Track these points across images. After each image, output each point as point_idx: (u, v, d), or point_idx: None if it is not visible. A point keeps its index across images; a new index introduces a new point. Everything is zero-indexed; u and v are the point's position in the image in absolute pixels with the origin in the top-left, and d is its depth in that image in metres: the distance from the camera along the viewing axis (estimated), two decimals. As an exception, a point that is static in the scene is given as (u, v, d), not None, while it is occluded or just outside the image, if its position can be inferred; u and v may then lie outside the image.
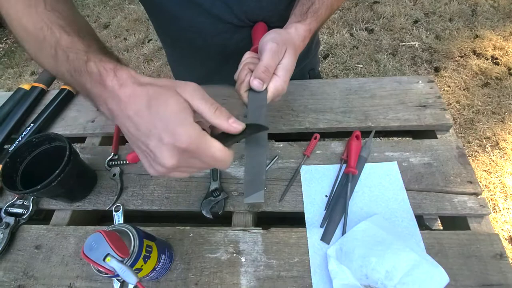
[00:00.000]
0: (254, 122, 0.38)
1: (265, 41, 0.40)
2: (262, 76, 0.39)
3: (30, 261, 0.50)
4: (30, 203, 0.55)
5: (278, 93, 0.41)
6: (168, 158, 0.29)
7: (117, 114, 0.30)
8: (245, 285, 0.45)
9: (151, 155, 0.30)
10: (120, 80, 0.30)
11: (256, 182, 0.35)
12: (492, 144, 1.46)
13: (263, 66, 0.39)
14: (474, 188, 0.51)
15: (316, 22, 0.46)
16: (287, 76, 0.41)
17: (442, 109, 0.60)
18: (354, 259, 0.44)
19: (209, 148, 0.29)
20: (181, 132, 0.28)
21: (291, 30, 0.44)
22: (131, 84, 0.30)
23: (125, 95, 0.29)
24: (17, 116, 0.69)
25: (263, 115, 0.39)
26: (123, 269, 0.33)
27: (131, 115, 0.29)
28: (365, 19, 2.09)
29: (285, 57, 0.41)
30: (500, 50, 1.78)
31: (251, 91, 0.41)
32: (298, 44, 0.43)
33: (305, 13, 0.46)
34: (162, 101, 0.29)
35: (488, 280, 0.44)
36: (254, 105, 0.40)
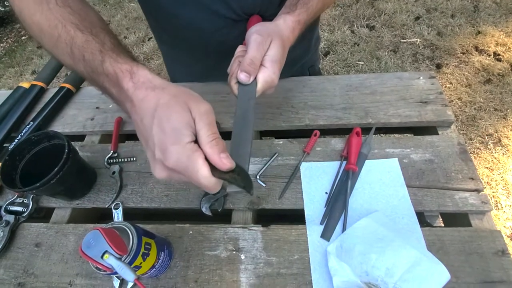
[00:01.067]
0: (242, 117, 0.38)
1: (250, 34, 0.40)
2: (247, 69, 0.39)
3: (30, 259, 0.50)
4: (30, 201, 0.55)
5: (268, 85, 0.41)
6: (159, 171, 0.30)
7: (131, 115, 0.32)
8: (245, 283, 0.45)
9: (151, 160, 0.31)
10: (136, 83, 0.31)
11: None
12: (494, 141, 1.45)
13: (248, 58, 0.39)
14: (476, 184, 0.50)
15: (306, 13, 0.45)
16: (275, 66, 0.40)
17: (444, 105, 0.60)
18: (354, 256, 0.44)
19: (196, 173, 0.29)
20: (171, 152, 0.28)
21: (279, 22, 0.43)
22: (145, 89, 0.30)
23: (138, 98, 0.30)
24: (17, 114, 0.69)
25: (251, 107, 0.39)
26: (121, 266, 0.33)
27: (138, 120, 0.30)
28: (366, 15, 2.07)
29: (271, 48, 0.40)
30: (503, 46, 1.76)
31: (241, 84, 0.41)
32: (287, 35, 0.43)
33: (294, 4, 0.45)
34: (166, 114, 0.29)
35: (489, 277, 0.43)
36: (243, 98, 0.40)
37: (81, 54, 0.33)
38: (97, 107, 0.70)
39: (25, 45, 2.68)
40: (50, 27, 0.34)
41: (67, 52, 0.34)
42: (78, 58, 0.33)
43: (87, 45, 0.33)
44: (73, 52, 0.33)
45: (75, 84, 0.74)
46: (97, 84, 0.34)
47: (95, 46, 0.33)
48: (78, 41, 0.33)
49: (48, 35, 0.35)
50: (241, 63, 0.40)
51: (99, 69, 0.32)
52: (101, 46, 0.33)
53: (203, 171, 0.29)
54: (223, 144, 0.30)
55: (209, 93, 0.68)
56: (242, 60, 0.39)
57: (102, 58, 0.32)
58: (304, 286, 0.44)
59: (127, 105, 0.32)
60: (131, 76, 0.31)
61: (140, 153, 0.61)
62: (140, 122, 0.30)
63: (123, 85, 0.31)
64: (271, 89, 0.42)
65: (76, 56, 0.33)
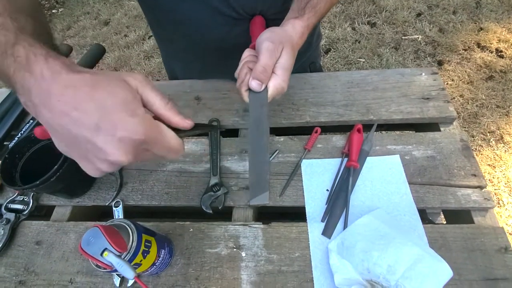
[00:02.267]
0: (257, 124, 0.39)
1: (261, 41, 0.40)
2: (260, 77, 0.39)
3: (31, 257, 0.50)
4: (30, 199, 0.55)
5: (278, 92, 0.41)
6: (122, 154, 0.26)
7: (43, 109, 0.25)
8: (246, 280, 0.45)
9: (97, 154, 0.26)
10: (52, 67, 0.25)
11: (260, 183, 0.35)
12: (497, 138, 1.44)
13: (261, 66, 0.39)
14: (479, 181, 0.50)
15: (314, 17, 0.45)
16: (286, 75, 0.41)
17: (446, 101, 0.59)
18: (356, 253, 0.43)
19: (165, 138, 0.28)
20: (136, 124, 0.26)
21: (287, 27, 0.43)
22: (66, 73, 0.25)
23: (60, 85, 0.25)
24: (17, 112, 0.69)
25: (264, 114, 0.40)
26: (121, 263, 0.33)
27: (68, 110, 0.25)
28: (367, 12, 2.06)
29: (282, 56, 0.40)
30: (505, 42, 1.75)
31: (252, 91, 0.41)
32: (296, 41, 0.43)
33: (302, 8, 0.45)
34: (107, 91, 0.26)
35: (492, 274, 0.43)
36: (255, 104, 0.41)
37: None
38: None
39: (25, 44, 2.67)
40: None
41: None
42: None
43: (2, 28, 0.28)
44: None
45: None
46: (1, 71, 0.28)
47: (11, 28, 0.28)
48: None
49: None
50: (253, 70, 0.39)
51: (9, 51, 0.27)
52: (18, 29, 0.29)
53: (171, 133, 0.29)
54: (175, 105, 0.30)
55: (210, 90, 0.68)
56: (254, 67, 0.39)
57: (15, 40, 0.27)
58: (305, 284, 0.44)
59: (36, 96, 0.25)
60: (45, 60, 0.26)
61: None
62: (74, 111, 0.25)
63: (34, 69, 0.25)
64: (279, 95, 0.43)
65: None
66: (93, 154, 0.26)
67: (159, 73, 2.05)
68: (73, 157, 0.28)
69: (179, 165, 0.58)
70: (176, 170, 0.57)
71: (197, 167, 0.57)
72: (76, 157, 0.28)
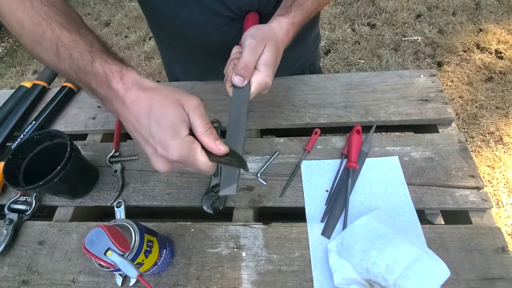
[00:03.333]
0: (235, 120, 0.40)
1: (245, 38, 0.41)
2: (241, 73, 0.40)
3: (33, 256, 0.51)
4: (33, 200, 0.56)
5: (261, 87, 0.42)
6: (162, 165, 0.33)
7: (121, 115, 0.33)
8: (246, 280, 0.46)
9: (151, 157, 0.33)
10: (126, 84, 0.32)
11: (230, 175, 0.37)
12: (496, 139, 1.44)
13: (243, 63, 0.40)
14: (476, 182, 0.50)
15: (301, 15, 0.46)
16: (268, 70, 0.41)
17: (444, 103, 0.60)
18: (355, 253, 0.44)
19: (196, 162, 0.33)
20: (173, 146, 0.31)
21: (273, 24, 0.44)
22: (136, 90, 0.31)
23: (130, 100, 0.31)
24: (19, 114, 0.70)
25: (244, 111, 0.41)
26: (124, 263, 0.33)
27: (133, 120, 0.31)
28: (367, 14, 2.07)
29: (264, 52, 0.41)
30: (505, 44, 1.75)
31: (235, 87, 0.42)
32: (281, 38, 0.43)
33: (289, 6, 0.46)
34: (162, 111, 0.31)
35: (490, 274, 0.43)
36: (237, 101, 0.42)
37: (68, 52, 0.33)
38: (99, 106, 0.70)
39: (26, 45, 2.68)
40: (33, 24, 0.34)
41: (52, 50, 0.34)
42: (64, 56, 0.33)
43: (75, 44, 0.33)
44: (59, 50, 0.33)
45: (77, 83, 0.75)
46: (82, 83, 0.34)
47: (84, 46, 0.33)
48: (65, 40, 0.33)
49: (30, 32, 0.35)
50: (235, 66, 0.40)
51: (88, 69, 0.32)
52: (89, 46, 0.33)
53: (202, 158, 0.33)
54: (215, 132, 0.34)
55: (210, 92, 0.68)
56: (237, 64, 0.40)
57: (91, 58, 0.32)
58: (305, 283, 0.45)
59: (116, 105, 0.32)
60: (120, 77, 0.32)
61: (142, 152, 0.61)
62: (135, 122, 0.31)
63: (113, 86, 0.31)
64: (265, 90, 0.43)
65: (62, 54, 0.33)
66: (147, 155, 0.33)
67: (160, 74, 2.06)
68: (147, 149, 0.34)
69: (180, 166, 0.58)
70: (177, 170, 0.58)
71: (198, 168, 0.58)
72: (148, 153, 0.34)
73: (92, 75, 0.32)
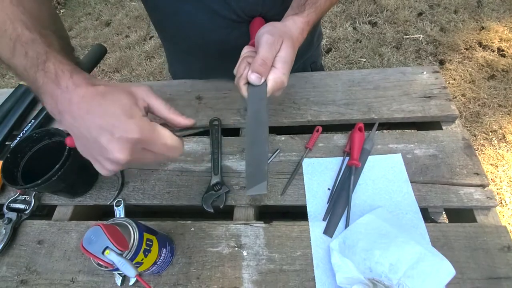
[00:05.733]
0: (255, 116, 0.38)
1: (261, 34, 0.40)
2: (259, 70, 0.38)
3: (32, 256, 0.50)
4: (32, 199, 0.55)
5: (277, 86, 0.40)
6: (120, 152, 0.29)
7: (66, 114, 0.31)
8: (247, 279, 0.45)
9: (103, 153, 0.30)
10: (75, 82, 0.31)
11: (258, 173, 0.33)
12: (499, 137, 1.43)
13: (260, 59, 0.38)
14: (481, 179, 0.50)
15: (314, 13, 0.45)
16: (286, 68, 0.40)
17: (448, 99, 0.59)
18: (358, 252, 0.43)
19: (160, 136, 0.32)
20: (131, 124, 0.30)
21: (288, 23, 0.43)
22: (85, 86, 0.31)
23: (79, 95, 0.30)
24: (18, 112, 0.69)
25: (263, 108, 0.38)
26: (122, 262, 0.33)
27: (83, 114, 0.30)
28: (368, 12, 2.06)
29: (282, 49, 0.39)
30: (507, 41, 1.74)
31: (250, 85, 0.40)
32: (296, 36, 0.42)
33: (302, 5, 0.44)
34: (112, 99, 0.31)
35: (495, 273, 0.43)
36: (254, 98, 0.40)
37: (24, 50, 0.33)
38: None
39: (27, 45, 2.69)
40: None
41: (8, 47, 0.34)
42: (19, 53, 0.33)
43: (33, 43, 0.33)
44: (16, 47, 0.33)
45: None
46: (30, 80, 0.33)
47: (41, 46, 0.33)
48: (24, 38, 0.34)
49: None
50: (252, 63, 0.39)
51: (40, 66, 0.32)
52: (47, 46, 0.33)
53: (167, 132, 0.32)
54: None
55: (211, 90, 0.68)
56: (253, 60, 0.39)
57: (46, 57, 0.32)
58: (307, 283, 0.44)
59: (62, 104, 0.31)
60: (71, 75, 0.31)
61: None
62: (86, 115, 0.30)
63: (62, 83, 0.31)
64: (279, 90, 0.42)
65: (17, 51, 0.33)
66: (100, 153, 0.31)
67: (160, 74, 2.06)
68: (88, 158, 0.33)
69: (180, 165, 0.58)
70: (177, 169, 0.57)
71: (198, 166, 0.57)
72: (90, 158, 0.33)
73: (42, 73, 0.32)
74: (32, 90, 0.35)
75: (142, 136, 0.30)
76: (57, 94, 0.31)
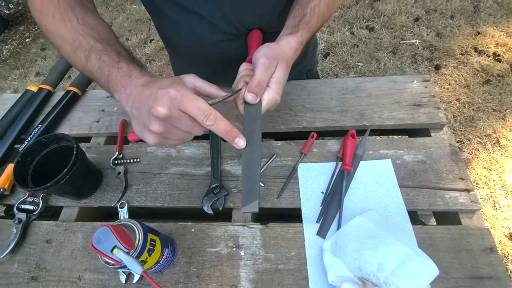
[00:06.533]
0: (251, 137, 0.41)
1: (258, 56, 0.43)
2: (255, 91, 0.42)
3: (41, 254, 0.53)
4: (40, 200, 0.58)
5: (271, 104, 0.44)
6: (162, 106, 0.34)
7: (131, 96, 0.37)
8: (245, 278, 0.48)
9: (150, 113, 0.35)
10: (143, 74, 0.39)
11: (251, 194, 0.38)
12: (493, 142, 1.46)
13: (256, 81, 0.42)
14: (466, 184, 0.52)
15: (307, 33, 0.48)
16: (279, 88, 0.44)
17: (436, 107, 0.62)
18: (348, 252, 0.46)
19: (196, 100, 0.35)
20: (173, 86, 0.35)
21: (283, 43, 0.46)
22: (149, 76, 0.39)
23: (144, 81, 0.38)
24: (26, 117, 0.72)
25: (258, 128, 0.42)
26: (129, 260, 0.35)
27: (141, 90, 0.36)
28: (366, 17, 2.09)
29: (276, 71, 0.43)
30: (503, 46, 1.77)
31: (247, 103, 0.44)
32: (290, 56, 0.46)
33: (296, 25, 0.47)
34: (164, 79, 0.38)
35: (478, 273, 0.45)
36: (250, 117, 0.43)
37: (98, 55, 0.41)
38: (103, 110, 0.73)
39: (29, 47, 2.72)
40: (72, 39, 0.43)
41: (84, 55, 0.42)
42: (93, 58, 0.41)
43: (106, 50, 0.41)
44: (90, 55, 0.41)
45: (81, 87, 0.77)
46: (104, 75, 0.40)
47: (113, 52, 0.41)
48: (97, 48, 0.42)
49: (70, 44, 0.43)
50: (249, 84, 0.42)
51: (115, 65, 0.40)
52: (117, 53, 0.42)
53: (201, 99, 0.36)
54: None
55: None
56: (250, 82, 0.42)
57: (118, 59, 0.40)
58: (300, 281, 0.47)
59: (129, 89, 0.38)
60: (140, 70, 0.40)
61: (144, 154, 0.64)
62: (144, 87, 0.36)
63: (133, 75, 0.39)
64: (273, 106, 0.45)
65: (92, 57, 0.41)
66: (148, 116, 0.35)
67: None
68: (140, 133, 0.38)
69: (181, 168, 0.61)
70: (178, 173, 0.60)
71: (199, 170, 0.60)
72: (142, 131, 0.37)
73: (117, 69, 0.39)
74: (101, 85, 0.42)
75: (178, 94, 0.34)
76: (127, 82, 0.38)
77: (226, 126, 0.37)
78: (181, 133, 0.37)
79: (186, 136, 0.38)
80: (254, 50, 0.45)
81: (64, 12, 0.44)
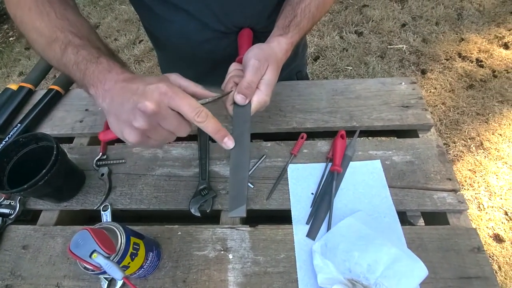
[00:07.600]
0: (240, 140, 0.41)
1: (248, 58, 0.42)
2: (245, 92, 0.41)
3: (17, 261, 0.50)
4: (17, 203, 0.55)
5: (261, 106, 0.43)
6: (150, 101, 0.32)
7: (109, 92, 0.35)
8: (233, 282, 0.46)
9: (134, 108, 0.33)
10: (124, 71, 0.37)
11: (238, 198, 0.37)
12: (477, 144, 1.50)
13: (246, 82, 0.41)
14: (453, 185, 0.53)
15: (298, 34, 0.48)
16: (269, 90, 0.43)
17: (424, 109, 0.62)
18: (338, 254, 0.45)
19: (187, 97, 0.34)
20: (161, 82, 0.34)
21: (273, 44, 0.45)
22: (130, 72, 0.37)
23: (125, 77, 0.36)
24: (4, 116, 0.69)
25: (247, 130, 0.42)
26: (109, 265, 0.33)
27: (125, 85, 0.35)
28: (355, 22, 2.13)
29: (267, 73, 0.42)
30: (485, 53, 1.83)
31: (236, 104, 0.43)
32: (281, 57, 0.45)
33: (287, 26, 0.47)
34: (149, 77, 0.36)
35: (466, 273, 0.45)
36: (239, 118, 0.43)
37: (76, 50, 0.38)
38: (86, 109, 0.70)
39: (12, 46, 2.63)
40: (49, 32, 0.40)
41: (60, 49, 0.39)
42: (70, 53, 0.38)
43: (85, 46, 0.39)
44: (67, 49, 0.38)
45: (64, 86, 0.74)
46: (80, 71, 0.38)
47: (93, 48, 0.39)
48: (76, 42, 0.39)
49: (46, 37, 0.40)
50: (238, 85, 0.41)
51: (93, 60, 0.37)
52: (97, 49, 0.39)
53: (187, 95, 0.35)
54: None
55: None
56: (240, 83, 0.41)
57: (98, 55, 0.38)
58: (290, 284, 0.46)
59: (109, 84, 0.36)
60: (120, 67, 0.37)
61: (130, 155, 0.61)
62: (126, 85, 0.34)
63: (113, 71, 0.36)
64: (263, 108, 0.45)
65: (68, 51, 0.38)
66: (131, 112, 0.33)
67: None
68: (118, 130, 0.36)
69: (168, 169, 0.59)
70: (165, 174, 0.58)
71: (186, 171, 0.58)
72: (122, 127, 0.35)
73: (95, 65, 0.37)
74: (76, 80, 0.40)
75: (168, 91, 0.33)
76: (107, 77, 0.36)
77: (216, 125, 0.36)
78: (165, 133, 0.36)
79: (169, 137, 0.37)
80: (244, 50, 0.45)
81: (42, 5, 0.41)
